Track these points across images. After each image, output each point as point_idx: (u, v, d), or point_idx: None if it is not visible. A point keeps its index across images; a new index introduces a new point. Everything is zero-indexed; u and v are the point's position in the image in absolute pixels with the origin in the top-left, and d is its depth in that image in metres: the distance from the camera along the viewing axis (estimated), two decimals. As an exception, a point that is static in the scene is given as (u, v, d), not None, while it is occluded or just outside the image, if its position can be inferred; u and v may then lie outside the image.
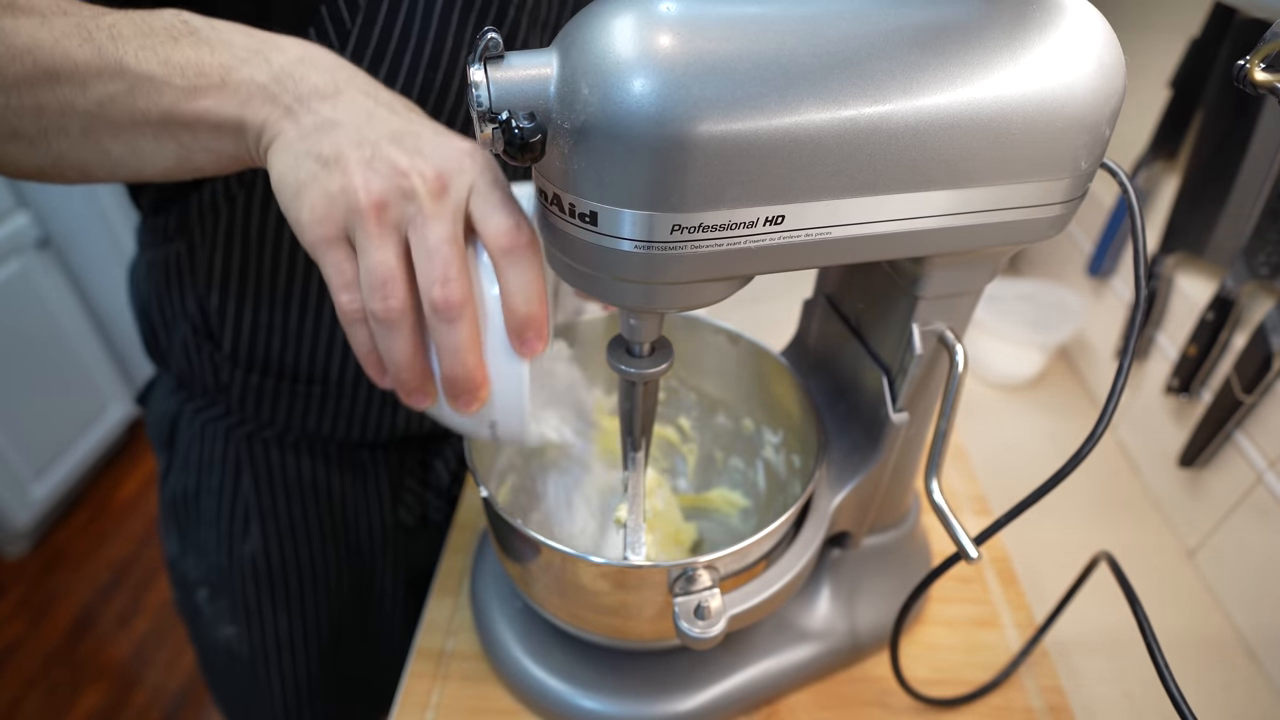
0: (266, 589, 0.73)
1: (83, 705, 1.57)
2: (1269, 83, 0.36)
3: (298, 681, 0.77)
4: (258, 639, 0.74)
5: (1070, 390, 0.93)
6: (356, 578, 0.77)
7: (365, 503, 0.75)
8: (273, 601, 0.73)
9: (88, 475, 2.03)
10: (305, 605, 0.75)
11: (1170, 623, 0.66)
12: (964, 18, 0.33)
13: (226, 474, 0.70)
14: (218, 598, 0.73)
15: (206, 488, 0.71)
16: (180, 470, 0.72)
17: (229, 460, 0.70)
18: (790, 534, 0.51)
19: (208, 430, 0.70)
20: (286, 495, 0.71)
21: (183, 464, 0.71)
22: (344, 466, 0.73)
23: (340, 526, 0.75)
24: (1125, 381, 0.40)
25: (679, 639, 0.44)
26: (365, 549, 0.77)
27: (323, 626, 0.76)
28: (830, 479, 0.52)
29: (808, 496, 0.48)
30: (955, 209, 0.36)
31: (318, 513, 0.73)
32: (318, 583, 0.75)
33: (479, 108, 0.32)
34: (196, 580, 0.74)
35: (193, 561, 0.73)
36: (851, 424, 0.54)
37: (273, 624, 0.74)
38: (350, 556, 0.76)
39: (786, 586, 0.48)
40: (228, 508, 0.71)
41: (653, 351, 0.45)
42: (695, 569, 0.44)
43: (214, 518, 0.71)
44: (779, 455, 0.62)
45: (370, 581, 0.78)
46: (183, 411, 0.71)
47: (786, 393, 0.58)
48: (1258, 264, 0.66)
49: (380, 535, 0.77)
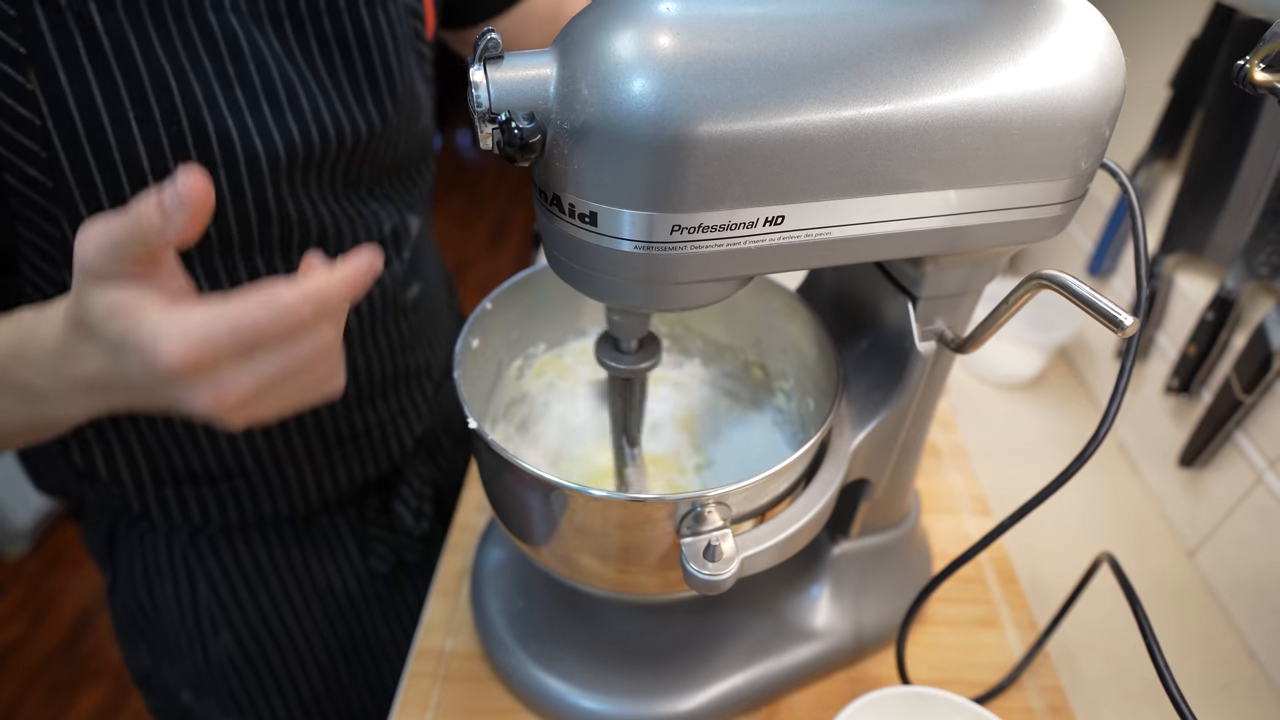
0: (253, 678, 0.69)
1: (83, 705, 1.57)
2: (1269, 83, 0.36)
3: None
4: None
5: (1070, 390, 0.93)
6: (345, 638, 0.74)
7: (335, 565, 0.71)
8: (262, 689, 0.69)
9: (88, 475, 2.03)
10: (297, 682, 0.71)
11: (1170, 623, 0.66)
12: (964, 18, 0.33)
13: (179, 579, 0.66)
14: (204, 697, 0.69)
15: (161, 596, 0.66)
16: (127, 582, 0.67)
17: (178, 565, 0.65)
18: (807, 476, 0.48)
19: (147, 540, 0.65)
20: (248, 585, 0.67)
21: (128, 576, 0.67)
22: (302, 539, 0.69)
23: (314, 597, 0.70)
24: (1128, 382, 0.40)
25: (687, 583, 0.41)
26: (347, 611, 0.73)
27: (318, 691, 0.73)
28: (850, 418, 0.49)
29: (825, 431, 0.45)
30: (955, 209, 0.36)
31: (285, 593, 0.69)
32: (303, 657, 0.71)
33: (479, 108, 0.32)
34: (177, 683, 0.69)
35: (168, 669, 0.69)
36: (872, 360, 0.50)
37: (267, 709, 0.70)
38: (333, 622, 0.72)
39: (803, 530, 0.45)
40: (190, 613, 0.66)
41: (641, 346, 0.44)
42: (705, 504, 0.41)
43: (177, 623, 0.67)
44: (791, 402, 0.60)
45: (360, 636, 0.75)
46: (116, 526, 0.66)
47: (801, 331, 0.55)
48: (1258, 264, 0.66)
49: (359, 592, 0.73)
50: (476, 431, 0.44)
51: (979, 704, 0.49)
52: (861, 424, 0.49)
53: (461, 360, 0.49)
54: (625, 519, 0.42)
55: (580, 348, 0.63)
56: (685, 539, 0.41)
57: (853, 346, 0.52)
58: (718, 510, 0.42)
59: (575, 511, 0.43)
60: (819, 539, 0.59)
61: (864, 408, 0.49)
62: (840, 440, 0.49)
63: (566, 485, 0.41)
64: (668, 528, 0.42)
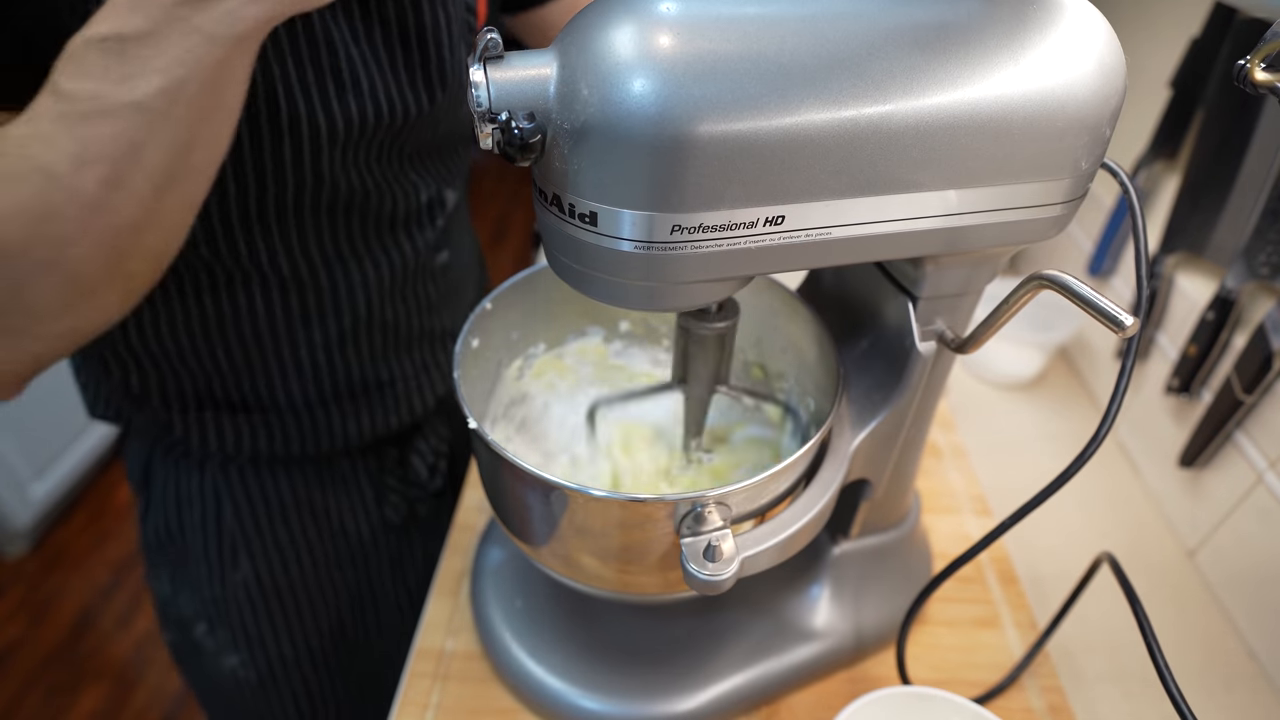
0: (264, 613, 0.72)
1: (83, 705, 1.57)
2: (1269, 82, 0.35)
3: (310, 697, 0.77)
4: (263, 664, 0.74)
5: (1070, 390, 0.93)
6: (353, 586, 0.77)
7: (351, 510, 0.75)
8: (272, 625, 0.73)
9: (88, 475, 2.03)
10: (305, 623, 0.74)
11: (1170, 623, 0.66)
12: (964, 18, 0.33)
13: (207, 505, 0.70)
14: (217, 629, 0.73)
15: (188, 522, 0.70)
16: (159, 509, 0.71)
17: (207, 492, 0.69)
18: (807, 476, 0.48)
19: (181, 466, 0.69)
20: (269, 518, 0.71)
21: (160, 502, 0.71)
22: (324, 478, 0.73)
23: (329, 538, 0.74)
24: (1128, 382, 0.40)
25: (687, 583, 0.41)
26: (358, 555, 0.77)
27: (325, 640, 0.76)
28: (851, 418, 0.49)
29: (825, 431, 0.45)
30: (956, 209, 0.36)
31: (303, 529, 0.72)
32: (314, 598, 0.74)
33: (479, 108, 0.32)
34: (193, 616, 0.73)
35: (186, 598, 0.73)
36: (872, 360, 0.51)
37: (275, 647, 0.74)
38: (344, 566, 0.76)
39: (803, 530, 0.45)
40: (214, 540, 0.70)
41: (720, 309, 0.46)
42: (705, 505, 0.41)
43: (201, 551, 0.71)
44: (792, 401, 0.59)
45: (367, 587, 0.78)
46: (154, 452, 0.70)
47: (801, 331, 0.55)
48: (1258, 264, 0.66)
49: (370, 539, 0.77)
50: (476, 431, 0.44)
51: (979, 704, 0.48)
52: (861, 424, 0.49)
53: (461, 360, 0.49)
54: (625, 519, 0.42)
55: (580, 348, 0.63)
56: (685, 539, 0.41)
57: (853, 346, 0.52)
58: (718, 510, 0.42)
59: (575, 512, 0.43)
60: (819, 539, 0.59)
61: (864, 408, 0.49)
62: (840, 440, 0.49)
63: (566, 485, 0.41)
64: (668, 528, 0.42)
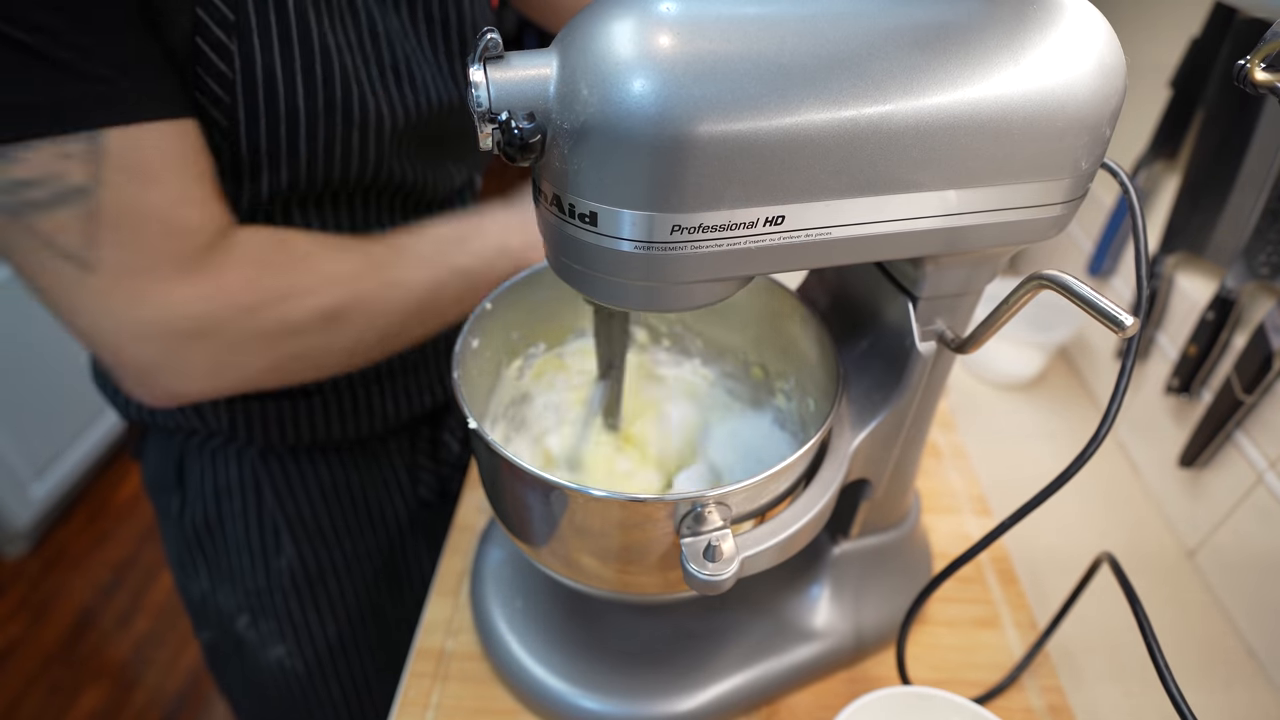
0: (309, 598, 0.74)
1: (83, 705, 1.57)
2: (1269, 82, 0.35)
3: (354, 682, 0.78)
4: (309, 651, 0.75)
5: (1070, 390, 0.93)
6: (390, 567, 0.79)
7: (387, 491, 0.77)
8: (317, 610, 0.74)
9: (88, 475, 2.03)
10: (349, 606, 0.76)
11: (1170, 623, 0.66)
12: (964, 18, 0.33)
13: (248, 494, 0.70)
14: (261, 620, 0.74)
15: (229, 512, 0.71)
16: (196, 502, 0.71)
17: (247, 480, 0.70)
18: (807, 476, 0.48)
19: (219, 457, 0.70)
20: (310, 502, 0.72)
21: (198, 495, 0.71)
22: (360, 461, 0.74)
23: (367, 520, 0.76)
24: (1128, 382, 0.40)
25: (687, 583, 0.41)
26: (395, 536, 0.78)
27: (367, 621, 0.77)
28: (851, 418, 0.50)
29: (825, 431, 0.45)
30: (956, 209, 0.36)
31: (343, 512, 0.74)
32: (354, 580, 0.76)
33: (479, 108, 0.32)
34: (235, 609, 0.74)
35: (227, 591, 0.73)
36: (872, 360, 0.51)
37: (321, 633, 0.75)
38: (381, 548, 0.77)
39: (803, 530, 0.45)
40: (255, 526, 0.71)
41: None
42: (705, 504, 0.41)
43: (243, 540, 0.71)
44: (791, 402, 0.60)
45: (404, 567, 0.80)
46: (187, 448, 0.71)
47: (801, 331, 0.55)
48: (1258, 264, 0.66)
49: (407, 518, 0.79)
50: (476, 431, 0.44)
51: (979, 704, 0.48)
52: (861, 424, 0.49)
53: (461, 360, 0.49)
54: (625, 519, 0.42)
55: (580, 348, 0.63)
56: (685, 539, 0.41)
57: (853, 346, 0.52)
58: (718, 510, 0.42)
59: (575, 511, 0.43)
60: (819, 539, 0.59)
61: (864, 408, 0.49)
62: (840, 440, 0.49)
63: (566, 485, 0.41)
64: (668, 528, 0.42)
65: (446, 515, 0.80)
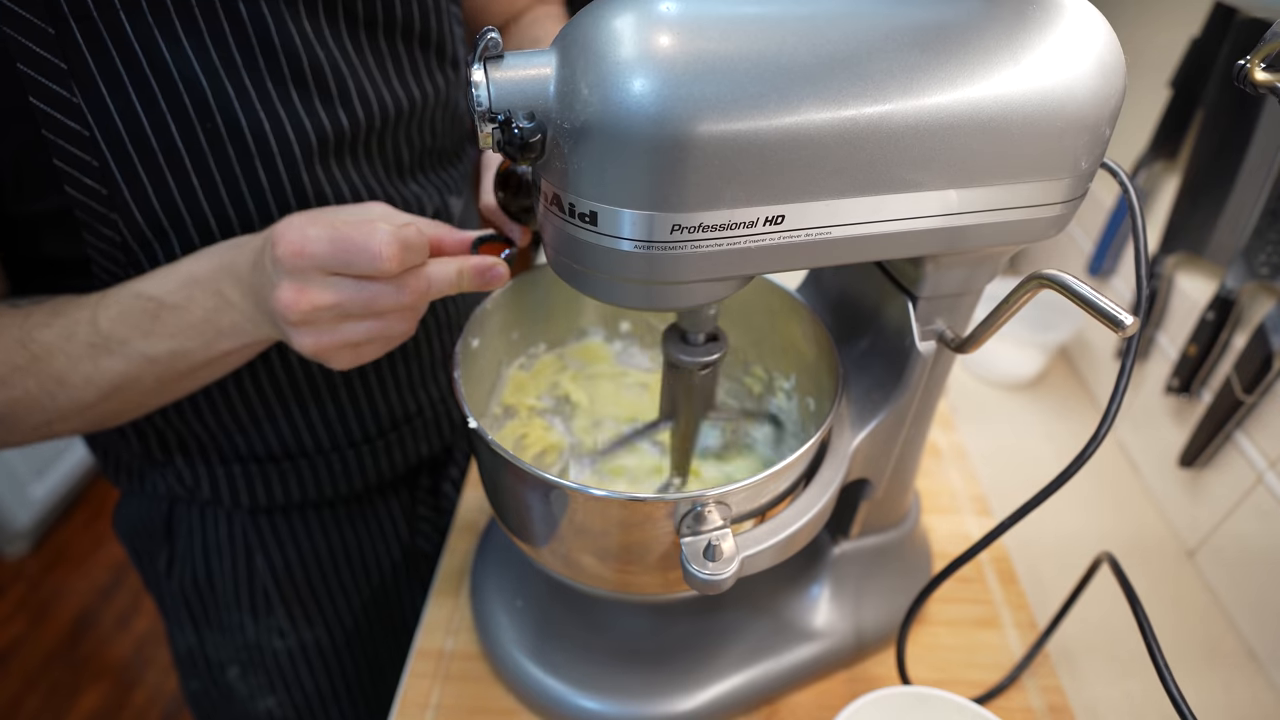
0: (300, 654, 0.72)
1: (83, 705, 1.57)
2: (1269, 82, 0.36)
3: None
4: (300, 702, 0.73)
5: (1070, 390, 0.93)
6: (388, 619, 0.76)
7: (384, 543, 0.74)
8: (308, 664, 0.72)
9: (88, 475, 2.03)
10: (341, 657, 0.74)
11: (1170, 622, 0.66)
12: (964, 17, 0.33)
13: (238, 557, 0.68)
14: (251, 673, 0.72)
15: (219, 570, 0.68)
16: (185, 559, 0.69)
17: (237, 542, 0.68)
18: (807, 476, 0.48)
19: (207, 515, 0.67)
20: (303, 564, 0.70)
21: (187, 553, 0.69)
22: (355, 516, 0.72)
23: (362, 574, 0.73)
24: (1128, 382, 0.40)
25: (687, 582, 0.41)
26: (391, 589, 0.76)
27: (360, 669, 0.75)
28: (850, 418, 0.49)
29: (825, 431, 0.45)
30: (955, 209, 0.36)
31: (336, 570, 0.71)
32: (348, 632, 0.73)
33: (479, 108, 0.32)
34: (224, 660, 0.72)
35: (215, 643, 0.71)
36: (872, 360, 0.51)
37: (312, 685, 0.73)
38: (377, 601, 0.75)
39: (803, 530, 0.45)
40: (245, 588, 0.69)
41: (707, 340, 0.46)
42: (705, 504, 0.41)
43: (233, 599, 0.69)
44: (791, 402, 0.60)
45: (400, 618, 0.77)
46: (175, 506, 0.68)
47: (800, 331, 0.55)
48: (1258, 264, 0.66)
49: (404, 571, 0.76)
50: (476, 431, 0.44)
51: (979, 704, 0.48)
52: (861, 424, 0.49)
53: (461, 360, 0.49)
54: (625, 519, 0.42)
55: (580, 348, 0.63)
56: (685, 539, 0.41)
57: (853, 346, 0.52)
58: (718, 510, 0.42)
59: (575, 511, 0.43)
60: (819, 539, 0.59)
61: (864, 408, 0.49)
62: (840, 440, 0.49)
63: (566, 485, 0.41)
64: (668, 527, 0.42)
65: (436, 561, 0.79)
